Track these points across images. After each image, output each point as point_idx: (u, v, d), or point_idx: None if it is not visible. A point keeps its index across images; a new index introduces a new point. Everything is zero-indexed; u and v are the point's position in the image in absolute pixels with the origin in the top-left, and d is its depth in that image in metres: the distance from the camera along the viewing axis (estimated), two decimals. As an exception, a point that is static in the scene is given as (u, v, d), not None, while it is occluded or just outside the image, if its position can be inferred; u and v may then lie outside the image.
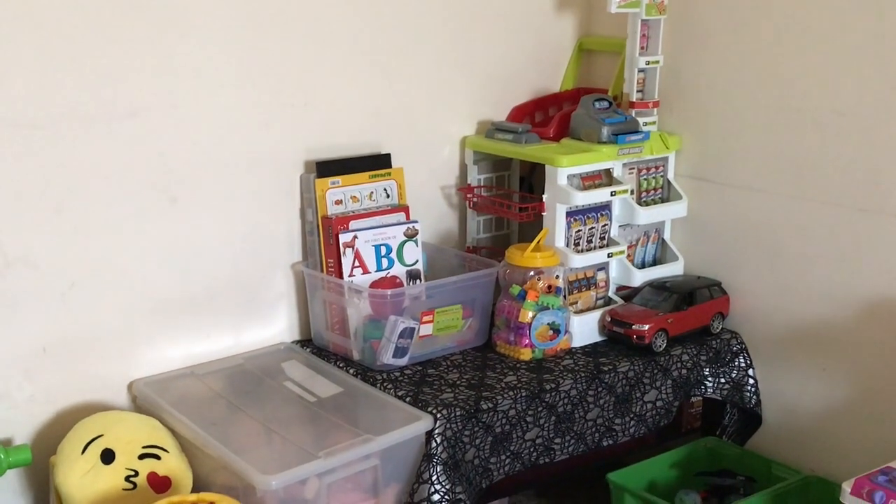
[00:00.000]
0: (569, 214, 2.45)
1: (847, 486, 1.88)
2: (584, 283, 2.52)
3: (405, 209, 2.49)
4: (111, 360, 2.25)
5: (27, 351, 2.13)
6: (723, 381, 2.51)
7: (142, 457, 2.03)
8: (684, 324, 2.46)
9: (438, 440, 2.06)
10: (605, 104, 2.51)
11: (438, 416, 2.07)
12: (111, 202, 2.18)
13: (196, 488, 2.06)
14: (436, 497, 2.04)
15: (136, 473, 2.01)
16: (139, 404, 2.25)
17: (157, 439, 2.08)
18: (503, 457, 2.16)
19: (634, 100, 2.57)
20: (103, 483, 1.98)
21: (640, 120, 2.55)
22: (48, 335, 2.15)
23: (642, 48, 2.55)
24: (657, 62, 2.56)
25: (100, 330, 2.22)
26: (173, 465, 2.05)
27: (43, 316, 2.13)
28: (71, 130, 2.09)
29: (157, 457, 2.04)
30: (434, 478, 2.05)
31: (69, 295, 2.16)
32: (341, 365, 2.36)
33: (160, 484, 2.02)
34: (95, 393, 2.23)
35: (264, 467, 1.89)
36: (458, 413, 2.09)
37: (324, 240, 2.39)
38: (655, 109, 2.60)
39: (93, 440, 2.03)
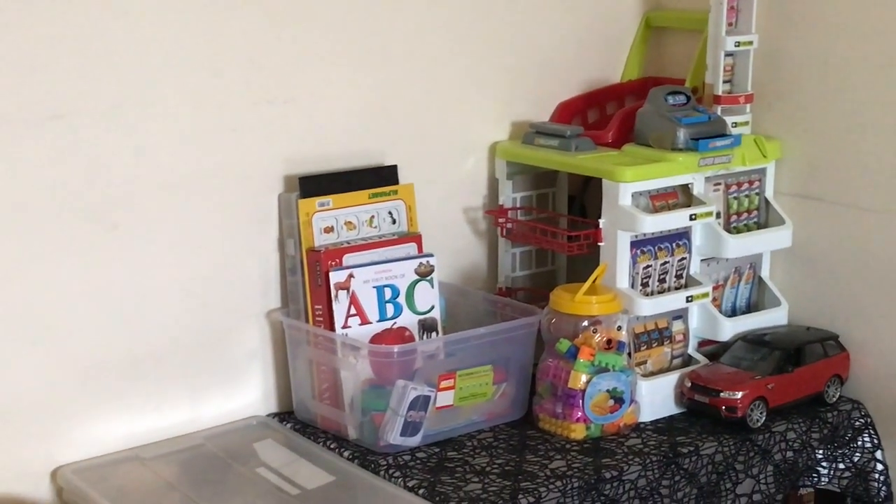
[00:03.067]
0: (634, 245, 2.47)
1: None
2: (655, 336, 2.54)
3: (417, 238, 2.51)
4: (29, 440, 2.26)
5: None
6: (842, 466, 2.52)
7: None
8: (790, 391, 2.46)
9: None
10: (682, 99, 2.53)
11: None
12: (28, 231, 2.20)
13: None
14: None
15: (60, 593, 2.05)
16: (66, 498, 2.26)
17: None
18: (549, 569, 2.19)
19: (720, 93, 2.59)
20: None
21: (729, 119, 2.56)
22: None
23: (730, 24, 2.57)
24: (750, 43, 2.57)
25: (13, 400, 2.23)
26: (109, 581, 2.08)
27: None
28: None
29: None
30: None
31: None
32: (333, 446, 2.37)
33: None
34: (8, 483, 2.25)
35: (230, 584, 1.92)
36: None
37: (310, 280, 2.40)
38: (748, 106, 2.62)
39: None
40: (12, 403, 2.22)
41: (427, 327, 2.46)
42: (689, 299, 2.52)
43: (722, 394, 2.38)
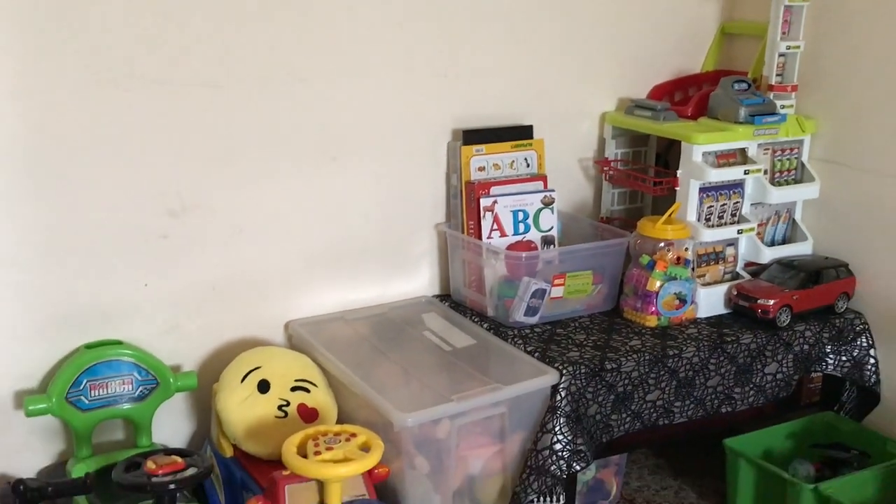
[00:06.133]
0: (702, 190, 2.46)
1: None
2: (712, 257, 2.52)
3: (543, 178, 2.53)
4: (271, 301, 2.38)
5: (199, 289, 2.28)
6: (844, 358, 2.49)
7: (294, 389, 2.16)
8: (809, 301, 2.44)
9: (563, 394, 2.11)
10: (744, 86, 2.51)
11: (564, 371, 2.12)
12: (278, 157, 2.30)
13: (340, 421, 2.18)
14: (558, 446, 2.10)
15: (288, 403, 2.14)
16: (293, 342, 2.38)
17: (308, 375, 2.20)
18: (624, 415, 2.21)
19: (773, 83, 2.57)
20: (258, 410, 2.12)
21: (778, 102, 2.54)
22: (217, 275, 2.29)
23: (784, 33, 2.54)
24: (798, 47, 2.55)
25: (263, 273, 2.35)
26: (321, 398, 2.17)
27: (213, 257, 2.28)
28: (246, 91, 2.22)
29: (307, 390, 2.17)
30: (557, 429, 2.11)
31: (237, 240, 2.30)
32: (476, 319, 2.43)
33: (309, 414, 2.14)
34: (255, 329, 2.37)
35: (402, 406, 1.98)
36: (583, 371, 2.13)
37: (466, 203, 2.46)
38: (793, 93, 2.58)
39: (251, 371, 2.16)
40: (262, 277, 2.35)
41: (547, 241, 2.50)
42: (739, 232, 2.51)
43: (759, 301, 2.38)
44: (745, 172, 2.48)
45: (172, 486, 1.81)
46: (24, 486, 1.79)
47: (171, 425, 2.31)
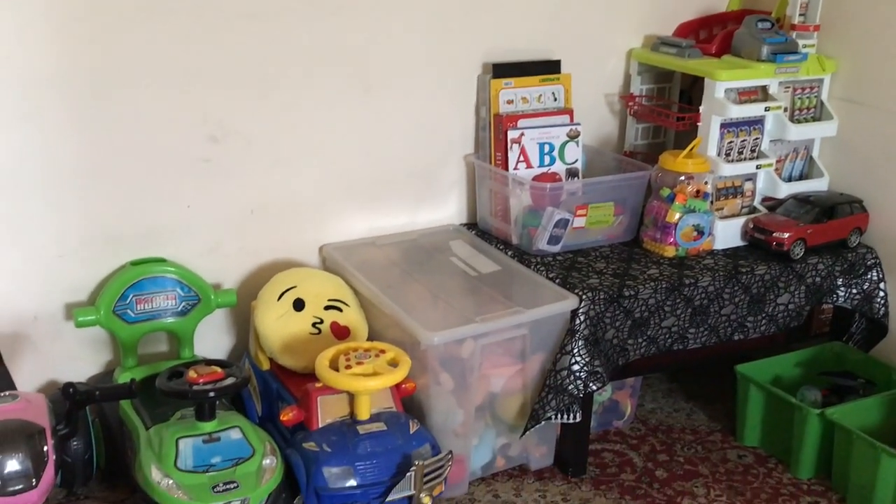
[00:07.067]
0: (723, 126, 2.45)
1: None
2: (731, 191, 2.51)
3: (570, 112, 2.52)
4: (307, 225, 2.41)
5: (238, 212, 2.31)
6: (854, 291, 2.49)
7: (327, 308, 2.20)
8: (823, 235, 2.44)
9: (582, 318, 2.14)
10: (768, 25, 2.49)
11: (584, 297, 2.14)
12: (314, 87, 2.30)
13: (370, 338, 2.22)
14: (576, 367, 2.13)
15: (322, 321, 2.18)
16: (327, 265, 2.41)
17: (340, 295, 2.24)
18: (640, 340, 2.23)
19: (796, 22, 2.54)
20: (294, 326, 2.16)
21: (800, 42, 2.52)
22: (256, 200, 2.32)
23: None
24: None
25: (299, 199, 2.37)
26: (353, 317, 2.22)
27: (252, 183, 2.30)
28: (283, 22, 2.22)
29: (340, 309, 2.21)
30: (575, 350, 2.14)
31: (275, 166, 2.32)
32: (501, 247, 2.45)
33: (341, 332, 2.19)
34: (291, 252, 2.40)
35: (429, 326, 2.02)
36: (601, 296, 2.15)
37: (494, 135, 2.45)
38: (816, 33, 2.55)
39: (287, 290, 2.20)
40: (298, 203, 2.37)
41: (571, 173, 2.49)
42: (758, 167, 2.50)
43: (774, 234, 2.38)
44: (766, 109, 2.47)
45: (212, 394, 1.86)
46: (74, 389, 1.85)
47: (211, 339, 2.36)
